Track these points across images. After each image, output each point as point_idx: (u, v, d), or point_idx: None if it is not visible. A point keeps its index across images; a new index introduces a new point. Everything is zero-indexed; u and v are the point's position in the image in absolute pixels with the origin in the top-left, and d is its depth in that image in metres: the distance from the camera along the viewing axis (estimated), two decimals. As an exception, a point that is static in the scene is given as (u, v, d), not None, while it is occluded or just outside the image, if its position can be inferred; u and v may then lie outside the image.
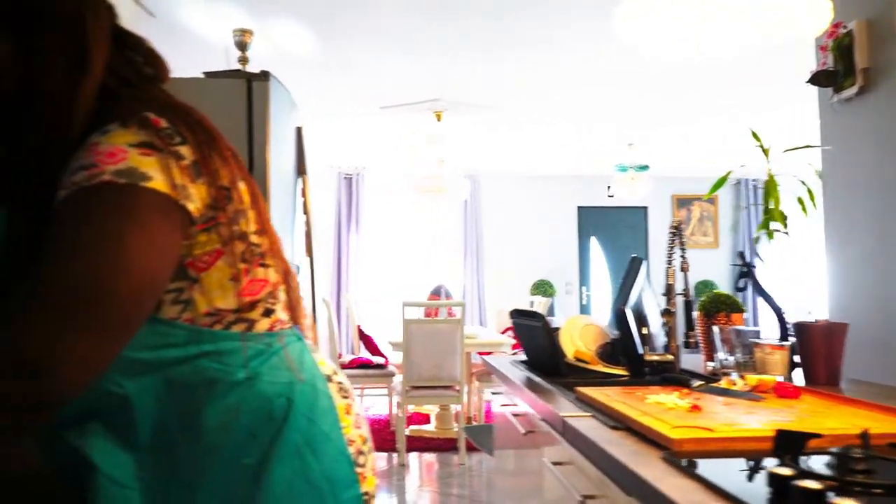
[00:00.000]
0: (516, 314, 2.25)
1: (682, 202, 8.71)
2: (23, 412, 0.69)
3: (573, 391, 1.71)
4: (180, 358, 0.82)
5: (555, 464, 1.46)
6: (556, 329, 2.17)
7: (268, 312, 0.90)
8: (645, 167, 6.96)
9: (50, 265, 0.71)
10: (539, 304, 6.37)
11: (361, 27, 4.01)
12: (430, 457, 4.94)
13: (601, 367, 2.07)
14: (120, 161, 0.74)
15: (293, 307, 0.99)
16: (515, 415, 2.01)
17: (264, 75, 2.11)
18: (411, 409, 5.73)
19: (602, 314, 8.40)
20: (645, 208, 8.63)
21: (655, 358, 2.01)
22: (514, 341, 5.32)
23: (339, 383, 0.98)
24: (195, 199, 0.80)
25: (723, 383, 1.59)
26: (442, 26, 4.00)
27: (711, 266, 8.39)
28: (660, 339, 2.20)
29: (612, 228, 8.62)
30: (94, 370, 0.72)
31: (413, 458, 4.87)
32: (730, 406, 1.36)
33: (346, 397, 0.98)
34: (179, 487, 0.83)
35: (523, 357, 2.46)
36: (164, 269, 0.78)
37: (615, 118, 6.04)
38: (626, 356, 2.02)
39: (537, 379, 1.99)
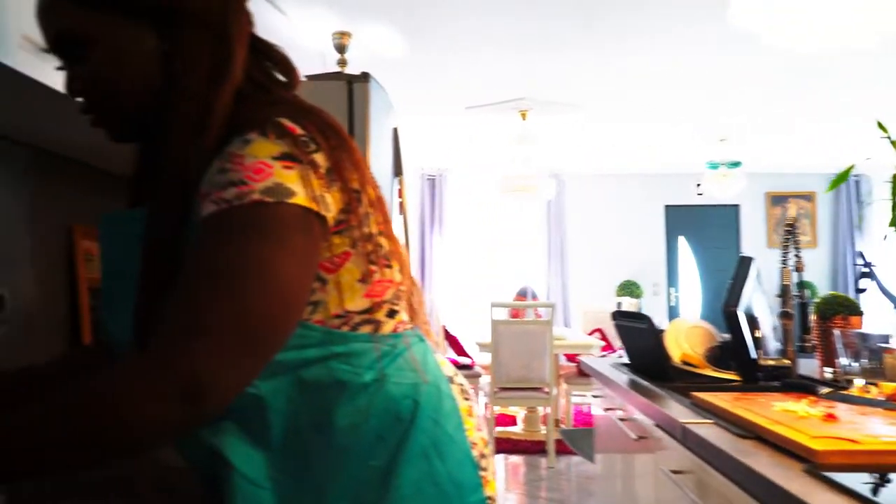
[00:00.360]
0: (619, 316, 2.19)
1: (777, 199, 8.34)
2: (181, 431, 0.72)
3: (687, 396, 1.65)
4: (311, 359, 0.82)
5: (674, 472, 1.40)
6: (661, 331, 2.10)
7: (392, 313, 0.89)
8: (737, 164, 6.70)
9: (207, 288, 0.71)
10: (629, 307, 6.20)
11: (448, 27, 4.01)
12: (516, 459, 4.89)
13: (710, 371, 1.99)
14: (266, 177, 0.74)
15: (414, 308, 0.98)
16: (622, 419, 1.95)
17: (364, 77, 2.12)
18: (497, 410, 5.69)
19: (692, 316, 8.15)
20: (736, 206, 8.31)
21: (771, 362, 1.91)
22: (602, 343, 5.21)
23: (461, 385, 0.97)
24: (331, 207, 0.80)
25: (854, 391, 1.49)
26: (529, 24, 3.96)
27: (810, 266, 7.99)
28: (771, 342, 2.09)
29: (702, 227, 8.34)
30: (244, 388, 0.74)
31: (499, 460, 4.84)
32: (867, 416, 1.27)
33: (467, 399, 0.96)
34: (310, 488, 0.83)
35: (623, 359, 2.40)
36: (308, 286, 0.79)
37: (708, 113, 5.84)
38: (738, 360, 1.93)
39: (644, 382, 1.93)
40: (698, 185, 7.53)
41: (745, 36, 3.89)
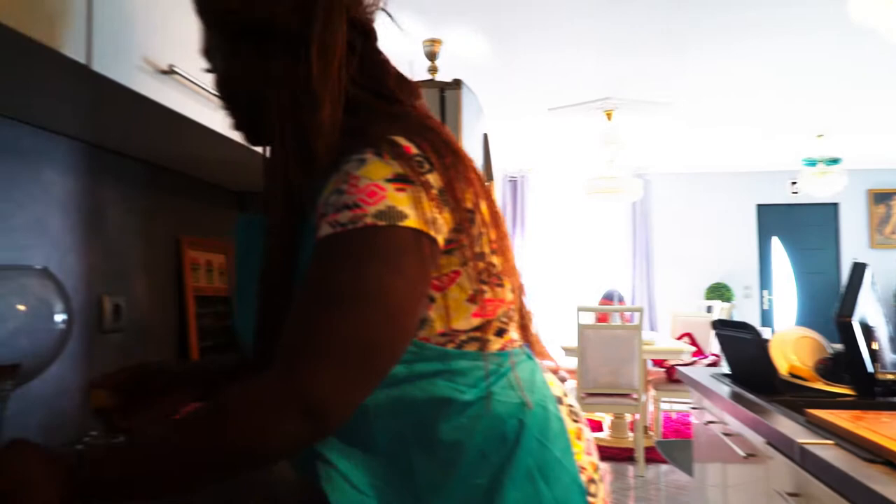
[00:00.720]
0: (720, 325, 2.10)
1: (880, 197, 7.86)
2: (304, 446, 0.76)
3: (798, 411, 1.56)
4: (417, 375, 0.82)
5: (791, 495, 1.32)
6: (766, 341, 2.01)
7: (500, 332, 0.88)
8: (836, 160, 6.36)
9: (326, 312, 0.74)
10: (721, 311, 5.96)
11: (531, 28, 3.97)
12: (603, 466, 4.79)
13: (821, 385, 1.88)
14: (379, 201, 0.75)
15: (525, 325, 0.96)
16: (727, 434, 1.87)
17: (456, 84, 2.12)
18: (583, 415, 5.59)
19: (787, 320, 7.80)
20: (835, 205, 7.89)
21: (889, 376, 1.79)
22: (693, 348, 5.05)
23: (570, 406, 0.94)
24: (443, 228, 0.80)
25: None
26: (615, 22, 3.87)
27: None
28: (888, 354, 1.96)
29: (797, 227, 7.95)
30: (359, 406, 0.76)
31: (586, 466, 4.75)
32: None
33: (576, 421, 0.93)
34: (411, 500, 0.82)
35: (723, 369, 2.31)
36: (420, 308, 0.80)
37: (805, 109, 5.57)
38: (853, 374, 1.82)
39: (749, 395, 1.85)
40: (793, 182, 7.20)
41: (858, 30, 3.69)
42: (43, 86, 1.08)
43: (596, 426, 5.64)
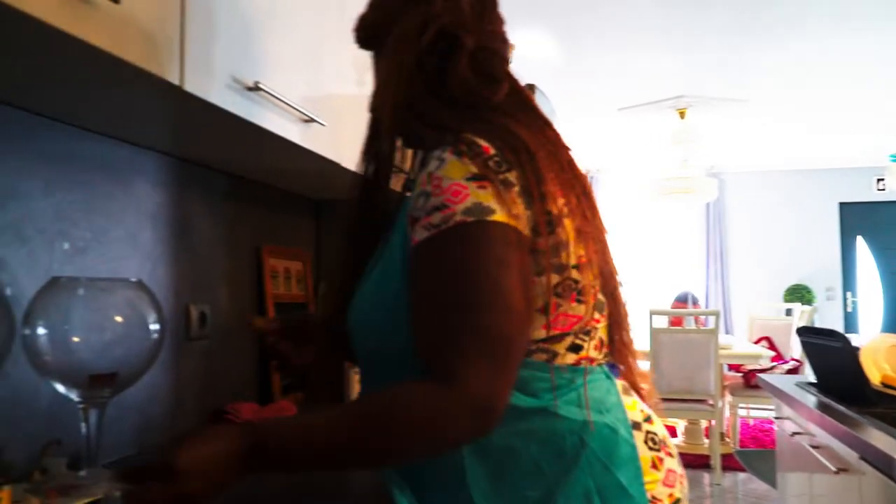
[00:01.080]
0: (805, 332, 2.02)
1: (976, 194, 7.42)
2: (467, 443, 0.80)
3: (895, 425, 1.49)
4: None
5: (890, 514, 1.26)
6: (856, 349, 1.92)
7: (575, 348, 0.86)
8: (927, 156, 6.03)
9: (458, 313, 0.76)
10: (801, 314, 5.71)
11: (601, 29, 3.92)
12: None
13: (918, 397, 1.79)
14: (465, 199, 0.78)
15: (616, 346, 0.93)
16: (815, 447, 1.80)
17: (530, 88, 2.11)
18: (655, 420, 5.48)
19: (873, 324, 7.44)
20: (926, 203, 7.49)
21: None
22: (772, 352, 4.87)
23: (650, 432, 0.89)
24: (525, 225, 0.81)
25: None
26: (688, 18, 3.78)
27: None
28: None
29: (884, 226, 7.56)
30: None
31: (659, 472, 4.65)
32: None
33: (654, 449, 0.88)
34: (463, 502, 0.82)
35: (808, 377, 2.22)
36: (528, 292, 0.81)
37: (891, 102, 5.31)
38: (953, 385, 1.72)
39: (839, 407, 1.77)
40: (880, 179, 6.87)
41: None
42: (137, 105, 1.13)
43: (670, 432, 5.52)
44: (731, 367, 5.21)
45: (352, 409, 0.78)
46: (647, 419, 0.90)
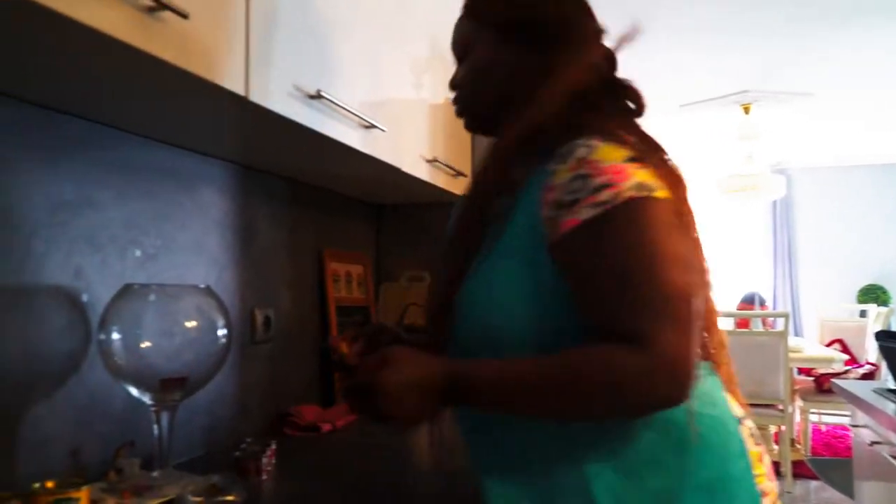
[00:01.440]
0: (884, 336, 1.93)
1: None
2: (666, 409, 0.78)
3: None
4: None
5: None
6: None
7: None
8: None
9: (644, 281, 0.77)
10: (877, 315, 5.44)
11: (662, 27, 3.83)
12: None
13: None
14: (629, 177, 0.80)
15: (711, 344, 0.93)
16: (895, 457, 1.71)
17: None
18: (721, 425, 5.33)
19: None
20: None
21: None
22: (845, 356, 4.68)
23: (750, 428, 0.90)
24: None
25: None
26: (752, 12, 3.66)
27: None
28: None
29: (966, 223, 7.18)
30: None
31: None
32: None
33: (757, 444, 0.89)
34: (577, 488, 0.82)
35: (886, 383, 2.12)
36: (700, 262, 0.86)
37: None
38: None
39: (921, 415, 1.68)
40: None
41: None
42: (203, 116, 1.16)
43: (736, 437, 5.35)
44: (801, 371, 5.02)
45: (551, 359, 0.79)
46: (745, 416, 0.91)
